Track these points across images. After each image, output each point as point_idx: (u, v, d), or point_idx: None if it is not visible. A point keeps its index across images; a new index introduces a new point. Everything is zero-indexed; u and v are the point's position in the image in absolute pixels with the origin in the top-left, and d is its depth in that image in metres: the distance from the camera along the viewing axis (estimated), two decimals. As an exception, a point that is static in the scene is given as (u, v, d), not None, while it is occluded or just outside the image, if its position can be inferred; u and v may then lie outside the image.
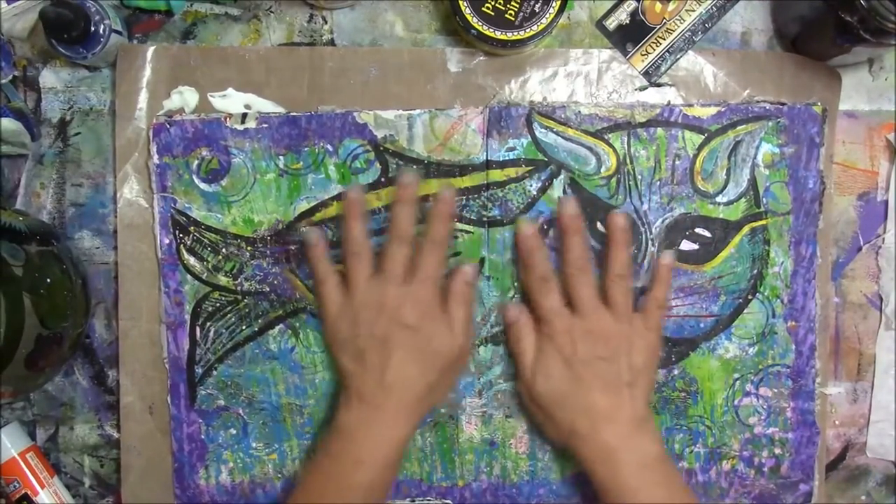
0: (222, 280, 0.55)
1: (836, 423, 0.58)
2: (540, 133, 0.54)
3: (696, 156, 0.54)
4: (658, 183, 0.54)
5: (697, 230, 0.55)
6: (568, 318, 0.50)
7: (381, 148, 0.54)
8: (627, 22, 0.56)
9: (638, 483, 0.47)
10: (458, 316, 0.51)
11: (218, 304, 0.55)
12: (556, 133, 0.54)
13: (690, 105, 0.55)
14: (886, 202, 0.57)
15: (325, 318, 0.53)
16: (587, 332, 0.50)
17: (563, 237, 0.52)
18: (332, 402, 0.55)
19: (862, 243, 0.57)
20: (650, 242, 0.54)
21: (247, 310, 0.55)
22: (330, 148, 0.54)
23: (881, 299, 0.57)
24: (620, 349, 0.50)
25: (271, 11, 0.56)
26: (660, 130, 0.54)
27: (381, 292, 0.49)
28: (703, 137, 0.54)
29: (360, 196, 0.52)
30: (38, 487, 0.54)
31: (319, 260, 0.52)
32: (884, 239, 0.57)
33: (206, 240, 0.55)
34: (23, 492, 0.54)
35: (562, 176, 0.54)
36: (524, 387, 0.52)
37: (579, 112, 0.54)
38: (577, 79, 0.56)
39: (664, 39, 0.55)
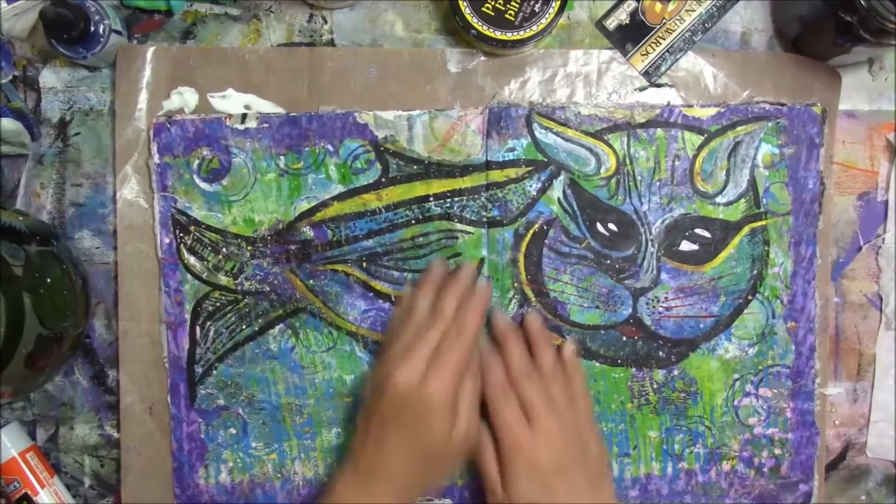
0: (222, 280, 0.55)
1: (836, 423, 0.58)
2: (540, 134, 0.54)
3: (695, 156, 0.54)
4: (658, 183, 0.54)
5: (697, 231, 0.55)
6: (525, 429, 0.49)
7: (382, 148, 0.54)
8: (627, 22, 0.56)
9: None
10: (464, 407, 0.49)
11: (218, 304, 0.55)
12: (556, 134, 0.54)
13: (690, 106, 0.55)
14: (886, 202, 0.57)
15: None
16: (545, 438, 0.48)
17: (499, 347, 0.52)
18: (329, 403, 0.55)
19: (862, 243, 0.57)
20: (650, 243, 0.54)
21: (247, 309, 0.55)
22: (330, 148, 0.54)
23: (881, 299, 0.57)
24: (577, 447, 0.49)
25: (271, 11, 0.56)
26: (659, 131, 0.54)
27: (404, 372, 0.48)
28: (703, 138, 0.54)
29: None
30: (38, 487, 0.54)
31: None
32: (884, 239, 0.57)
33: (206, 239, 0.55)
34: (23, 492, 0.54)
35: (561, 176, 0.54)
36: (496, 502, 0.50)
37: (579, 113, 0.54)
38: (577, 79, 0.55)
39: (664, 39, 0.55)
